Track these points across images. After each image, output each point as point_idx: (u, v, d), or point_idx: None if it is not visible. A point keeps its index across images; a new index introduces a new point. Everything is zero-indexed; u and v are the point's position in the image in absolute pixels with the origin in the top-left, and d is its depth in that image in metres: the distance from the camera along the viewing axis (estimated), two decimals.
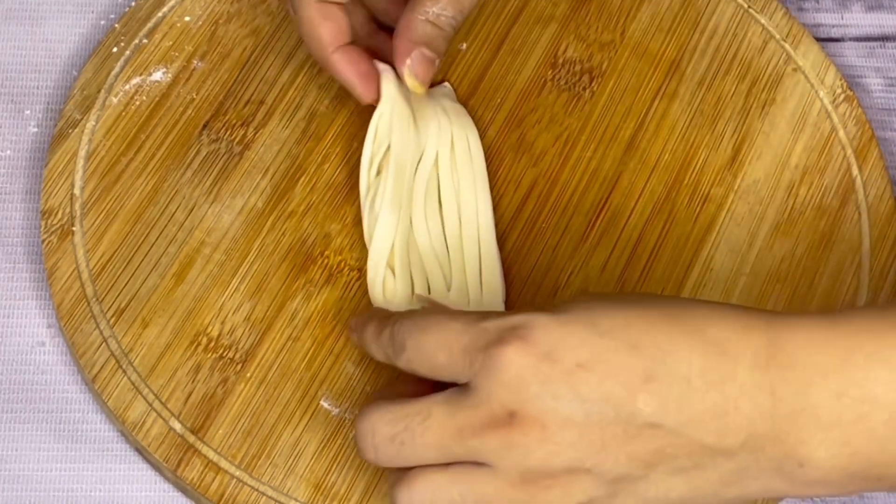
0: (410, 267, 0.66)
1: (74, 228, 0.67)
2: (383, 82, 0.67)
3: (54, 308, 0.65)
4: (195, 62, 0.72)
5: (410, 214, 0.66)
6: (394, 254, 0.66)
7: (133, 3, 0.73)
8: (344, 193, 0.69)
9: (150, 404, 0.63)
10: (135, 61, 0.71)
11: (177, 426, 0.63)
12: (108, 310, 0.65)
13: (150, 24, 0.72)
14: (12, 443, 0.64)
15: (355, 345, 0.64)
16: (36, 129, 0.72)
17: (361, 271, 0.67)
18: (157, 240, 0.67)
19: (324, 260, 0.67)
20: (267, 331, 0.65)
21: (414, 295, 0.65)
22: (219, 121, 0.70)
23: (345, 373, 0.64)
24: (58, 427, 0.65)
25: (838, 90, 0.73)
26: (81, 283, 0.65)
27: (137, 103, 0.70)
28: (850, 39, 0.78)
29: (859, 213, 0.70)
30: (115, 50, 0.71)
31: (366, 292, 0.66)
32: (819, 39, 0.76)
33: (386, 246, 0.65)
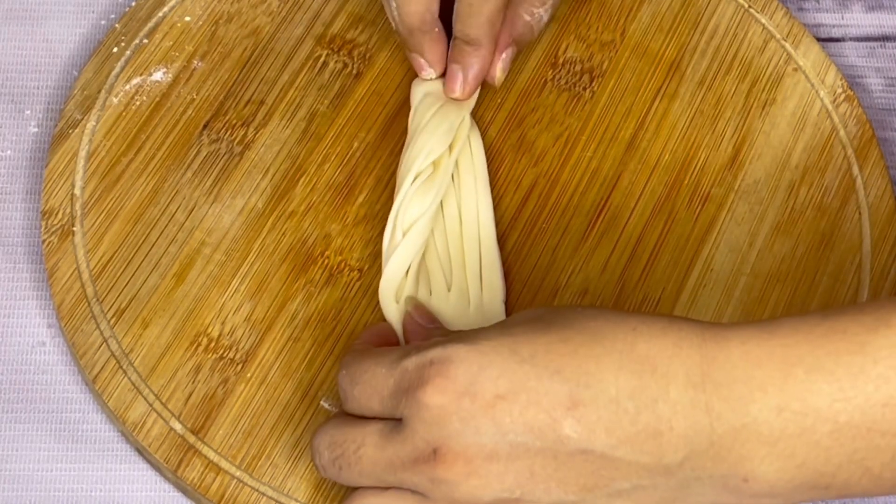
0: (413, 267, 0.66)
1: (75, 229, 0.67)
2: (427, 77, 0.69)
3: (55, 308, 0.65)
4: (195, 62, 0.72)
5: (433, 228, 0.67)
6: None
7: (133, 3, 0.73)
8: (344, 194, 0.69)
9: (151, 405, 0.63)
10: (135, 61, 0.71)
11: (177, 426, 0.63)
12: (109, 310, 0.65)
13: (150, 24, 0.72)
14: (12, 443, 0.64)
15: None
16: (36, 130, 0.72)
17: (362, 271, 0.67)
18: (157, 240, 0.67)
19: (324, 260, 0.67)
20: (267, 331, 0.65)
21: (405, 298, 0.65)
22: (219, 121, 0.70)
23: None
24: (58, 427, 0.65)
25: (839, 90, 0.73)
26: (82, 284, 0.65)
27: (138, 103, 0.70)
28: (851, 39, 0.78)
29: (860, 213, 0.70)
30: (115, 50, 0.71)
31: (366, 292, 0.66)
32: (819, 39, 0.76)
33: (405, 265, 0.65)
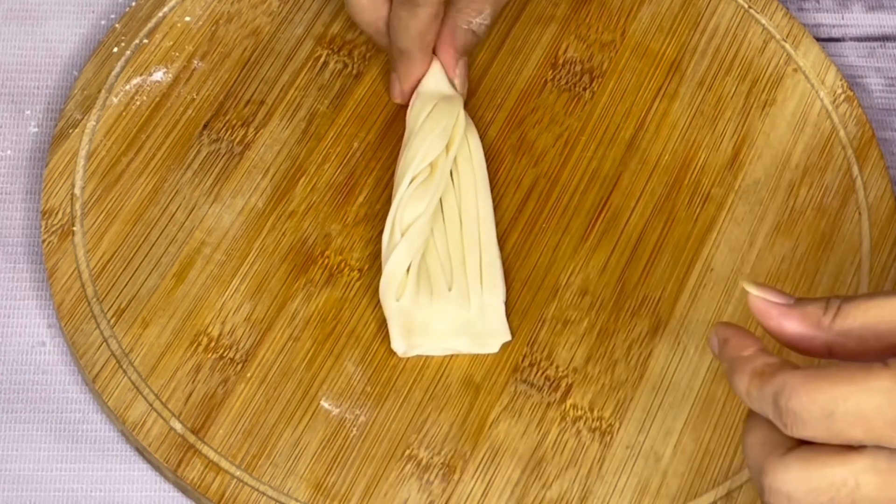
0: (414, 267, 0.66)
1: (75, 228, 0.67)
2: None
3: (55, 308, 0.65)
4: (195, 62, 0.72)
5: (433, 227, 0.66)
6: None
7: (133, 3, 0.73)
8: (344, 193, 0.69)
9: (151, 404, 0.63)
10: (135, 61, 0.71)
11: (177, 426, 0.63)
12: (109, 310, 0.65)
13: (150, 24, 0.72)
14: (12, 443, 0.64)
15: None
16: (36, 129, 0.72)
17: (362, 271, 0.67)
18: (157, 240, 0.67)
19: (324, 260, 0.67)
20: (267, 331, 0.65)
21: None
22: (219, 121, 0.70)
23: (345, 373, 0.64)
24: (58, 427, 0.65)
25: (839, 90, 0.73)
26: (82, 284, 0.65)
27: (138, 103, 0.70)
28: (851, 39, 0.78)
29: (859, 213, 0.70)
30: (115, 50, 0.71)
31: (366, 292, 0.66)
32: (819, 39, 0.76)
33: (404, 264, 0.65)
